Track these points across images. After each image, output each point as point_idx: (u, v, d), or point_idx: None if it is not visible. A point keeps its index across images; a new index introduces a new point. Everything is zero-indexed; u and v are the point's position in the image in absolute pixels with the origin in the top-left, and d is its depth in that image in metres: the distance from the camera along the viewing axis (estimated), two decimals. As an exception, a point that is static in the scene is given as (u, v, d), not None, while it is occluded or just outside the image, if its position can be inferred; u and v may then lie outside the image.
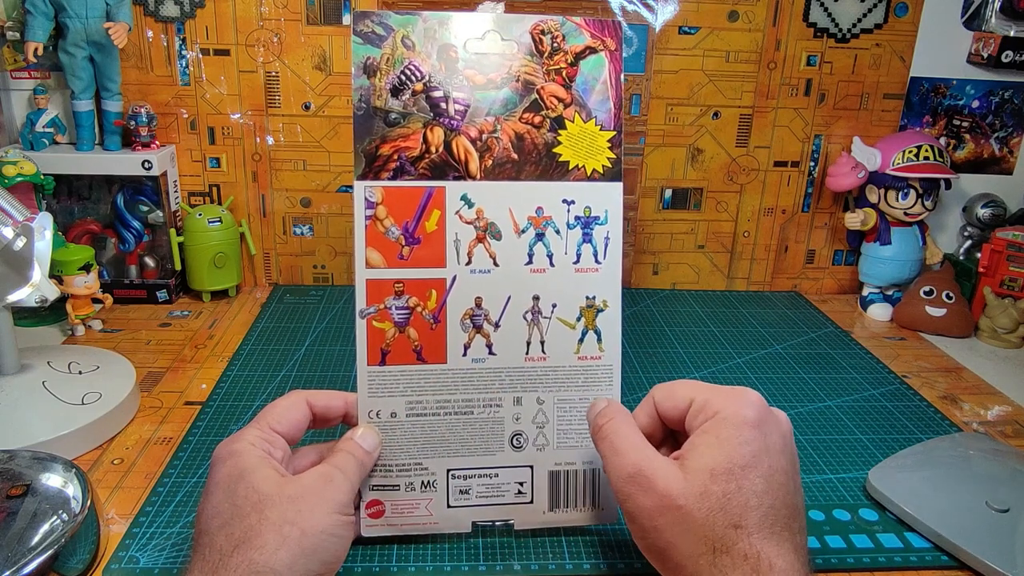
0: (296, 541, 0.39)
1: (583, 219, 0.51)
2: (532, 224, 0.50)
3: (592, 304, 0.51)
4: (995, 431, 0.70)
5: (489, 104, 0.50)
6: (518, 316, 0.51)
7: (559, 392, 0.52)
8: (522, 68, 0.50)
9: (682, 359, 0.81)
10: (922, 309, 0.91)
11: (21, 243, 0.61)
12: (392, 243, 0.49)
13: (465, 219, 0.50)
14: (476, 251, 0.50)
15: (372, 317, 0.49)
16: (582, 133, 0.51)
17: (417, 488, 0.51)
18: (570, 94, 0.50)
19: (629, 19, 0.90)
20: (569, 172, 0.50)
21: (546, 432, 0.52)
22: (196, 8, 0.86)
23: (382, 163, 0.49)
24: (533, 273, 0.50)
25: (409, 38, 0.49)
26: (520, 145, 0.50)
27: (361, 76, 0.48)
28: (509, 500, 0.53)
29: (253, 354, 0.78)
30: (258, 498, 0.40)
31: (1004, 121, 0.98)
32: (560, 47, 0.50)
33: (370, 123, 0.49)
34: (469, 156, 0.49)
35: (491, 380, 0.51)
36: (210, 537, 0.40)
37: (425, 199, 0.49)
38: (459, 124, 0.49)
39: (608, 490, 0.53)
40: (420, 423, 0.51)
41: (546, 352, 0.51)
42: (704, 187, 0.97)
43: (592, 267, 0.51)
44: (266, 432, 0.46)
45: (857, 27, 0.92)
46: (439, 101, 0.49)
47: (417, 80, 0.49)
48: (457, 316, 0.50)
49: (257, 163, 0.93)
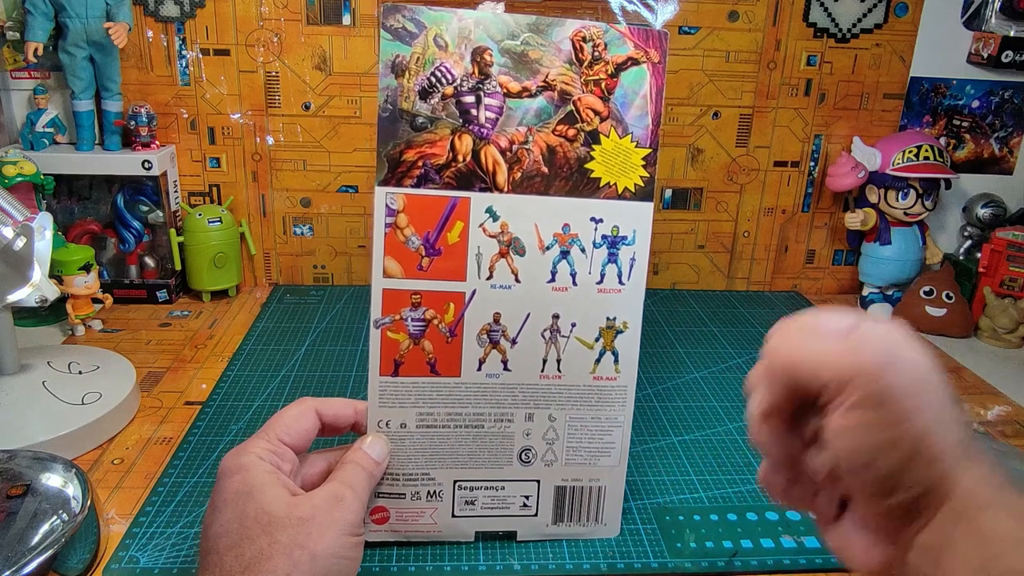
0: (307, 565, 0.39)
1: (610, 238, 0.49)
2: (558, 241, 0.48)
3: (612, 325, 0.50)
4: (995, 431, 0.70)
5: (522, 113, 0.47)
6: (536, 334, 0.49)
7: (572, 411, 0.51)
8: (559, 76, 0.47)
9: (682, 359, 0.81)
10: (922, 309, 0.91)
11: (21, 243, 0.61)
12: (412, 253, 0.47)
13: (489, 232, 0.48)
14: (498, 266, 0.48)
15: (387, 328, 0.48)
16: (616, 149, 0.48)
17: (423, 497, 0.51)
18: (608, 107, 0.48)
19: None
20: (600, 189, 0.48)
21: (555, 448, 0.52)
22: (196, 8, 0.86)
23: (406, 169, 0.46)
24: (555, 291, 0.49)
25: (442, 37, 0.46)
26: (551, 158, 0.48)
27: (389, 75, 0.45)
28: (514, 512, 0.52)
29: (253, 354, 0.78)
30: (268, 520, 0.40)
31: (1004, 121, 0.98)
32: (601, 56, 0.47)
33: (395, 126, 0.46)
34: (497, 167, 0.47)
35: (504, 396, 0.50)
36: (219, 556, 0.39)
37: (449, 209, 0.47)
38: (489, 133, 0.47)
39: (612, 505, 0.53)
40: (430, 434, 0.50)
41: (562, 371, 0.50)
42: (704, 187, 0.97)
43: (615, 288, 0.50)
44: (274, 444, 0.45)
45: (857, 27, 0.92)
46: (470, 107, 0.46)
47: (448, 83, 0.46)
48: (474, 331, 0.49)
49: (257, 163, 0.93)
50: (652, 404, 0.71)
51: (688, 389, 0.75)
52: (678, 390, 0.74)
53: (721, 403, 0.72)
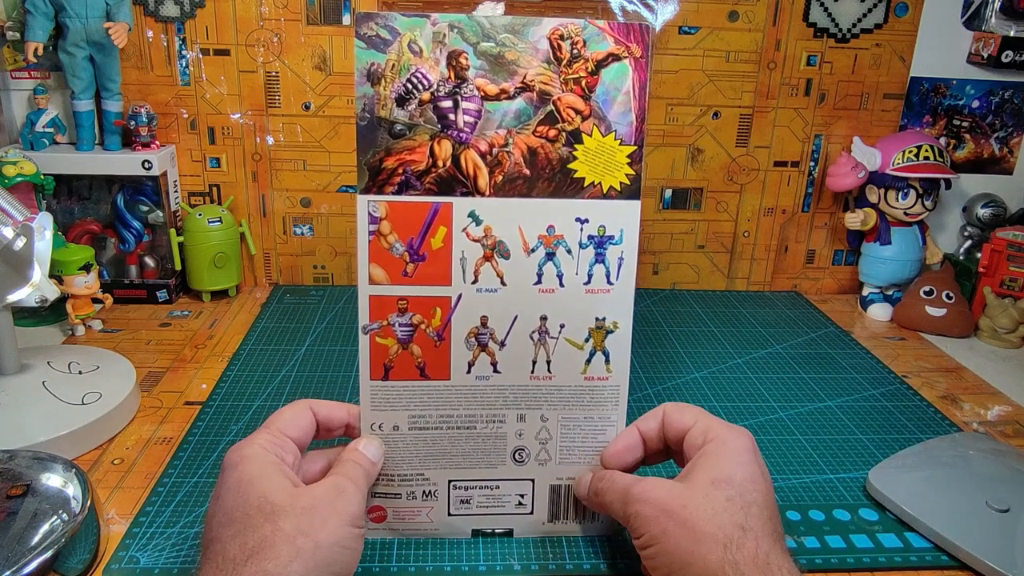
0: (309, 553, 0.39)
1: (596, 238, 0.49)
2: (542, 243, 0.48)
3: (602, 326, 0.50)
4: (995, 431, 0.70)
5: (501, 116, 0.47)
6: (524, 336, 0.49)
7: (564, 411, 0.51)
8: (538, 77, 0.46)
9: (682, 359, 0.81)
10: (922, 309, 0.91)
11: (21, 243, 0.61)
12: (396, 259, 0.47)
13: (472, 237, 0.48)
14: (483, 270, 0.48)
15: (375, 333, 0.48)
16: (600, 148, 0.47)
17: (419, 497, 0.51)
18: (589, 106, 0.47)
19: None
20: (584, 189, 0.48)
21: (549, 448, 0.52)
22: (196, 8, 0.86)
23: (386, 177, 0.47)
24: (542, 293, 0.49)
25: (416, 43, 0.45)
26: (533, 160, 0.47)
27: (364, 83, 0.45)
28: (509, 511, 0.53)
29: (253, 354, 0.78)
30: (271, 508, 0.40)
31: (1004, 121, 0.98)
32: (580, 54, 0.46)
33: (374, 134, 0.46)
34: (478, 171, 0.47)
35: (495, 397, 0.50)
36: (222, 545, 0.39)
37: (431, 215, 0.47)
38: (468, 137, 0.47)
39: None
40: (423, 436, 0.50)
41: (552, 371, 0.50)
42: (704, 187, 0.97)
43: (604, 288, 0.49)
44: (277, 436, 0.45)
45: (857, 27, 0.92)
46: (447, 112, 0.46)
47: (424, 89, 0.46)
48: (462, 334, 0.49)
49: (257, 163, 0.93)
50: (652, 404, 0.71)
51: (688, 389, 0.75)
52: (678, 390, 0.74)
53: (721, 403, 0.72)
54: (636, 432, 0.51)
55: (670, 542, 0.41)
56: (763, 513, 0.42)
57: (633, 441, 0.51)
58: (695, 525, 0.41)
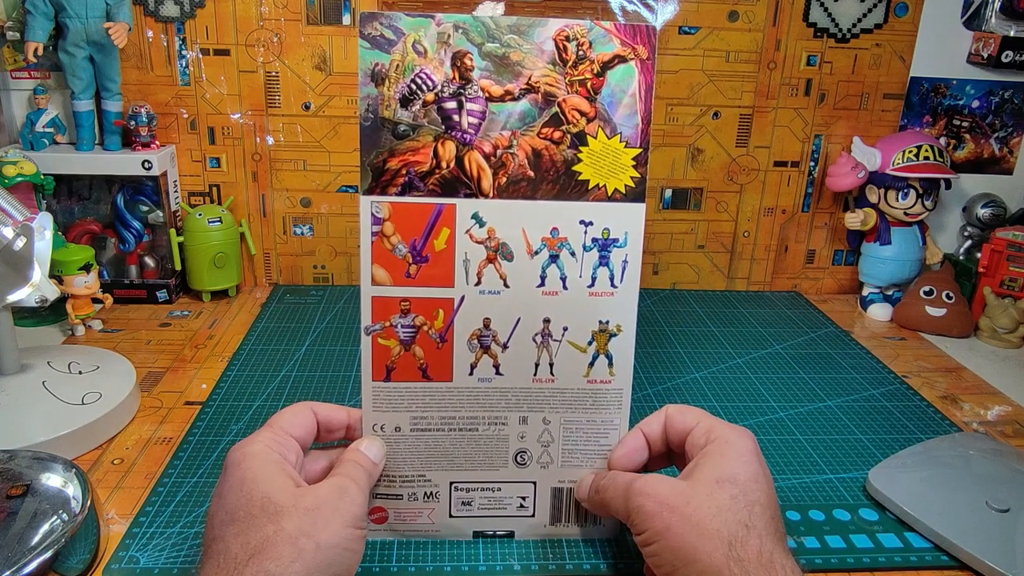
0: (311, 554, 0.39)
1: (600, 241, 0.48)
2: (546, 245, 0.48)
3: (605, 329, 0.50)
4: (995, 431, 0.70)
5: (505, 117, 0.46)
6: (527, 338, 0.49)
7: (566, 414, 0.51)
8: (543, 78, 0.46)
9: (682, 359, 0.81)
10: (922, 309, 0.91)
11: (21, 243, 0.61)
12: (399, 261, 0.47)
13: (476, 238, 0.48)
14: (486, 272, 0.48)
15: (378, 334, 0.48)
16: (605, 150, 0.47)
17: (420, 498, 0.51)
18: (594, 108, 0.47)
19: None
20: (589, 192, 0.47)
21: (551, 451, 0.52)
22: (196, 8, 0.86)
23: (390, 178, 0.46)
24: (545, 296, 0.49)
25: (421, 43, 0.45)
26: (537, 162, 0.47)
27: (368, 84, 0.45)
28: (511, 513, 0.52)
29: (253, 354, 0.78)
30: (274, 508, 0.40)
31: (1004, 121, 0.98)
32: (586, 55, 0.46)
33: (377, 135, 0.46)
34: (482, 172, 0.47)
35: (497, 399, 0.50)
36: (224, 544, 0.39)
37: (434, 217, 0.47)
38: (472, 138, 0.46)
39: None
40: (424, 437, 0.50)
41: (555, 374, 0.50)
42: (704, 187, 0.97)
43: (607, 291, 0.49)
44: (280, 435, 0.46)
45: (857, 27, 0.92)
46: (452, 113, 0.46)
47: (428, 90, 0.46)
48: (464, 336, 0.49)
49: (257, 163, 0.93)
50: (652, 404, 0.71)
51: (688, 389, 0.75)
52: (678, 390, 0.74)
53: (721, 403, 0.72)
54: (640, 434, 0.51)
55: (674, 538, 0.41)
56: (766, 512, 0.42)
57: (639, 443, 0.51)
58: (699, 521, 0.41)
